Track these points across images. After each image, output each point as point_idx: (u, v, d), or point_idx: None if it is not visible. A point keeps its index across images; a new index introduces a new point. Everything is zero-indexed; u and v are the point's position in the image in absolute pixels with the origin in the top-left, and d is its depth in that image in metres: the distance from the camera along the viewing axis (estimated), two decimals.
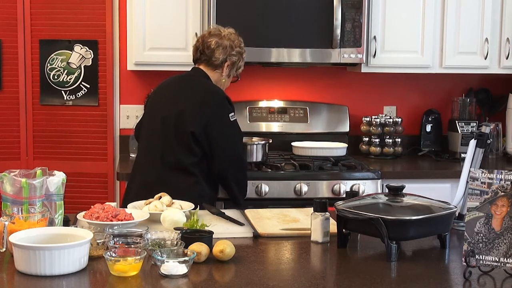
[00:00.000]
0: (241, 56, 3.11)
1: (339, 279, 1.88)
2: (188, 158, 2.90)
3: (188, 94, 2.99)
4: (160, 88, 3.16)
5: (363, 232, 2.12)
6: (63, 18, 3.97)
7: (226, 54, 3.04)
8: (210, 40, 3.04)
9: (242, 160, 3.12)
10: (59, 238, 1.89)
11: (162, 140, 2.96)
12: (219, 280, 1.84)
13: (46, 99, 4.02)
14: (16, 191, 2.04)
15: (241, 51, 3.10)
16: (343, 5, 3.69)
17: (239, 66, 3.13)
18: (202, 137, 2.90)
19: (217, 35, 3.06)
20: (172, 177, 2.89)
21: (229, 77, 3.12)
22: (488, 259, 1.83)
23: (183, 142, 2.90)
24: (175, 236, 1.99)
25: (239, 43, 3.11)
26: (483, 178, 1.85)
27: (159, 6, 3.71)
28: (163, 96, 3.09)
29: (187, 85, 3.04)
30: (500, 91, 4.31)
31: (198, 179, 2.91)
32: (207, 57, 3.05)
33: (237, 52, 3.08)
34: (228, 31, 3.09)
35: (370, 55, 3.85)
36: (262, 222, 2.39)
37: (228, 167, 2.99)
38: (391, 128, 4.09)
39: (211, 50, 3.03)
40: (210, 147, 2.92)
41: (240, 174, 3.07)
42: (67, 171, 2.32)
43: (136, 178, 3.04)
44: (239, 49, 3.09)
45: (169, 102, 3.00)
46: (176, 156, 2.91)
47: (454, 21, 3.91)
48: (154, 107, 3.08)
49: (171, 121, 2.94)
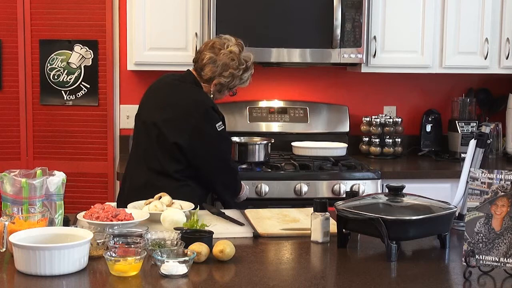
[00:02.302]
0: (235, 78, 2.93)
1: (339, 279, 1.88)
2: (172, 166, 2.85)
3: (174, 102, 2.91)
4: (150, 90, 3.09)
5: (363, 232, 2.12)
6: (63, 18, 3.97)
7: (215, 74, 2.91)
8: (205, 53, 2.92)
9: (230, 167, 3.00)
10: (59, 238, 1.89)
11: (147, 145, 2.92)
12: (219, 280, 1.84)
13: (46, 99, 4.02)
14: (16, 191, 2.04)
15: (236, 74, 2.92)
16: (343, 5, 3.69)
17: (233, 86, 2.98)
18: (186, 148, 2.83)
19: (215, 50, 2.92)
20: (159, 180, 2.84)
21: (220, 93, 3.00)
22: (488, 259, 1.83)
23: (167, 150, 2.85)
24: (175, 236, 1.99)
25: (238, 64, 2.92)
26: (483, 178, 1.85)
27: (159, 6, 3.71)
28: (152, 99, 3.03)
29: (176, 92, 2.95)
30: (500, 91, 4.31)
31: (186, 182, 2.86)
32: (199, 68, 2.95)
33: (230, 74, 2.91)
34: (230, 49, 2.92)
35: (370, 55, 3.85)
36: (262, 222, 2.39)
37: (214, 175, 2.91)
38: (391, 128, 4.09)
39: (202, 64, 2.92)
40: (195, 158, 2.85)
41: (229, 179, 3.00)
42: (67, 171, 2.32)
43: (127, 180, 3.02)
44: (234, 71, 2.91)
45: (156, 108, 2.94)
46: (161, 163, 2.86)
47: (454, 21, 3.91)
48: (143, 110, 3.05)
49: (155, 129, 2.88)
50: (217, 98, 3.04)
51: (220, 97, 3.05)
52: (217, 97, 3.02)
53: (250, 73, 3.00)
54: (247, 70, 2.97)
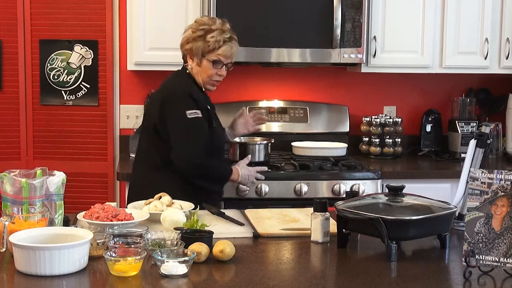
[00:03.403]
0: (196, 41, 2.89)
1: (339, 279, 1.88)
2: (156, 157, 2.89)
3: (156, 93, 3.05)
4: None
5: (363, 232, 2.12)
6: (63, 18, 3.97)
7: (182, 48, 2.97)
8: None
9: (191, 163, 2.83)
10: (59, 238, 1.89)
11: (139, 140, 3.06)
12: (219, 280, 1.84)
13: (46, 99, 4.02)
14: (16, 191, 2.04)
15: (193, 36, 2.90)
16: (343, 5, 3.69)
17: (202, 52, 2.88)
18: (163, 133, 2.85)
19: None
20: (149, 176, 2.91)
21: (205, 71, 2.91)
22: (488, 259, 1.83)
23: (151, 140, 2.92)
24: (175, 236, 2.00)
25: (198, 26, 2.91)
26: (483, 178, 1.85)
27: (159, 6, 3.71)
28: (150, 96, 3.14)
29: (162, 84, 3.04)
30: (500, 91, 4.31)
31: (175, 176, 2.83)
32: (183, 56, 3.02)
33: (188, 39, 2.91)
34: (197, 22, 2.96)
35: (370, 55, 3.85)
36: (262, 222, 2.39)
37: (178, 165, 2.82)
38: (391, 128, 4.09)
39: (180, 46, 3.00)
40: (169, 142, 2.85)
41: (196, 174, 2.86)
42: (67, 171, 2.32)
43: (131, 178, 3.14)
44: (193, 34, 2.90)
45: (148, 103, 3.08)
46: (146, 154, 2.95)
47: (454, 21, 3.91)
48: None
49: (143, 121, 3.08)
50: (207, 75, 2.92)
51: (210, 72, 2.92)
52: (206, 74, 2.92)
53: (218, 37, 2.88)
54: (209, 32, 2.88)
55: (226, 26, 2.95)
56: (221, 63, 2.92)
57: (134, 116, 4.06)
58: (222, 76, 2.98)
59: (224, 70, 2.96)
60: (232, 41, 2.94)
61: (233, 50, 2.95)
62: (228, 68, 2.98)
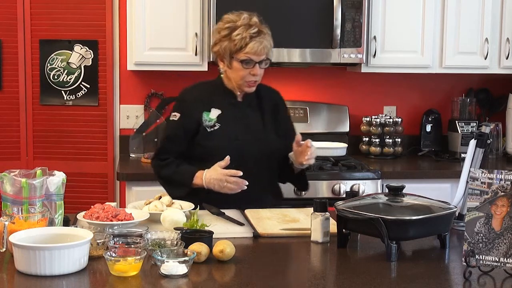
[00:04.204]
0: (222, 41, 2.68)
1: (339, 279, 1.88)
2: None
3: None
4: None
5: (363, 232, 2.12)
6: (63, 18, 3.97)
7: (211, 44, 2.78)
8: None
9: (152, 164, 2.84)
10: (59, 238, 1.89)
11: None
12: (219, 280, 1.84)
13: (46, 99, 4.02)
14: (16, 191, 2.04)
15: (226, 33, 2.67)
16: (343, 5, 3.69)
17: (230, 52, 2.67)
18: None
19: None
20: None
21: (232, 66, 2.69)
22: (488, 259, 1.83)
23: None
24: (175, 236, 1.99)
25: (224, 24, 2.70)
26: (483, 178, 1.85)
27: (159, 6, 3.71)
28: None
29: None
30: (500, 91, 4.31)
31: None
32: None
33: (221, 37, 2.69)
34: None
35: (370, 55, 3.85)
36: (262, 222, 2.39)
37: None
38: (391, 128, 4.09)
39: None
40: None
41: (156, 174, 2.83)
42: (67, 171, 2.32)
43: None
44: (225, 31, 2.68)
45: None
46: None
47: (454, 21, 3.91)
48: None
49: None
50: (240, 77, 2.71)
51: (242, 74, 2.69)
52: (239, 75, 2.70)
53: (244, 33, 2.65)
54: (234, 29, 2.67)
55: (254, 19, 2.70)
56: (252, 62, 2.67)
57: (134, 116, 4.06)
58: (257, 75, 2.71)
59: (258, 69, 2.69)
60: (261, 35, 2.67)
61: (263, 45, 2.66)
62: (263, 66, 2.71)
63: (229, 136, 2.76)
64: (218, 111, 2.77)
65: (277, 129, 2.86)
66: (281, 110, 2.95)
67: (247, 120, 2.81)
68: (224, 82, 2.81)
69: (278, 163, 2.86)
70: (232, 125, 2.78)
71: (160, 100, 4.06)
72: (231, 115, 2.78)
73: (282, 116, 2.95)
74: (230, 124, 2.77)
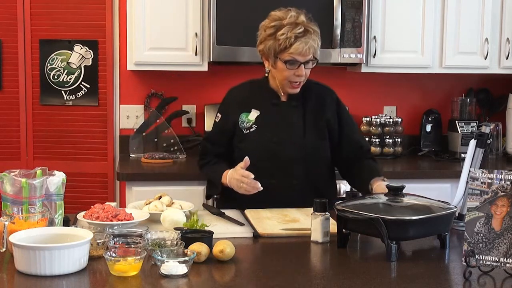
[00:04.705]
0: (267, 40, 2.63)
1: (339, 279, 1.88)
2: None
3: None
4: None
5: (363, 232, 2.12)
6: (63, 18, 3.97)
7: (257, 43, 2.71)
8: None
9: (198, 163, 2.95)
10: (59, 238, 1.89)
11: None
12: (219, 280, 1.84)
13: (46, 99, 4.02)
14: (16, 191, 2.04)
15: (271, 32, 2.61)
16: (343, 5, 3.69)
17: (274, 51, 2.61)
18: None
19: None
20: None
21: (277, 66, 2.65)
22: (488, 259, 1.83)
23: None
24: (175, 236, 1.99)
25: (270, 22, 2.64)
26: (483, 178, 1.85)
27: (159, 6, 3.71)
28: None
29: None
30: (500, 91, 4.31)
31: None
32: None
33: (266, 35, 2.63)
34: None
35: (370, 55, 3.85)
36: (262, 222, 2.39)
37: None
38: (391, 128, 4.09)
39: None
40: None
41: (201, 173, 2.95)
42: (67, 171, 2.32)
43: None
44: (270, 29, 2.62)
45: None
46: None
47: (454, 21, 3.91)
48: None
49: None
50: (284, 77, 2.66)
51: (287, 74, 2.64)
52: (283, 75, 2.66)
53: (289, 33, 2.58)
54: (280, 28, 2.60)
55: (301, 18, 2.61)
56: (297, 63, 2.60)
57: (134, 116, 4.06)
58: (302, 76, 2.65)
59: (303, 70, 2.63)
60: (307, 35, 2.58)
61: (309, 46, 2.58)
62: (309, 66, 2.65)
63: (264, 138, 2.72)
64: (257, 112, 2.75)
65: (320, 131, 2.78)
66: (331, 111, 2.85)
67: (287, 120, 2.76)
68: (269, 82, 2.78)
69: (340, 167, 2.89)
70: (269, 126, 2.74)
71: (160, 100, 4.06)
72: (271, 116, 2.75)
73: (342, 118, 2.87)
74: (267, 125, 2.74)
